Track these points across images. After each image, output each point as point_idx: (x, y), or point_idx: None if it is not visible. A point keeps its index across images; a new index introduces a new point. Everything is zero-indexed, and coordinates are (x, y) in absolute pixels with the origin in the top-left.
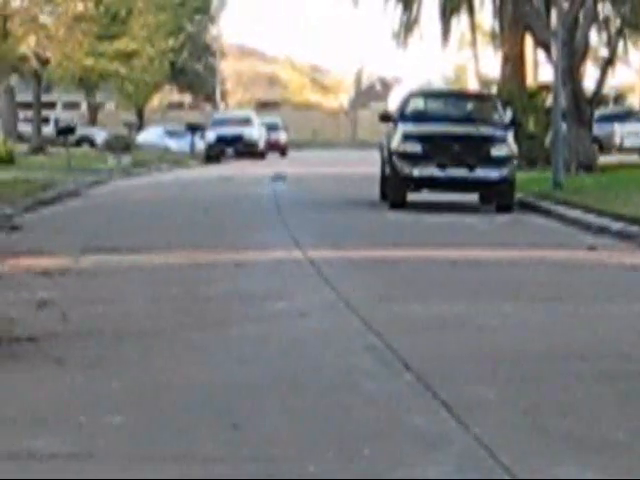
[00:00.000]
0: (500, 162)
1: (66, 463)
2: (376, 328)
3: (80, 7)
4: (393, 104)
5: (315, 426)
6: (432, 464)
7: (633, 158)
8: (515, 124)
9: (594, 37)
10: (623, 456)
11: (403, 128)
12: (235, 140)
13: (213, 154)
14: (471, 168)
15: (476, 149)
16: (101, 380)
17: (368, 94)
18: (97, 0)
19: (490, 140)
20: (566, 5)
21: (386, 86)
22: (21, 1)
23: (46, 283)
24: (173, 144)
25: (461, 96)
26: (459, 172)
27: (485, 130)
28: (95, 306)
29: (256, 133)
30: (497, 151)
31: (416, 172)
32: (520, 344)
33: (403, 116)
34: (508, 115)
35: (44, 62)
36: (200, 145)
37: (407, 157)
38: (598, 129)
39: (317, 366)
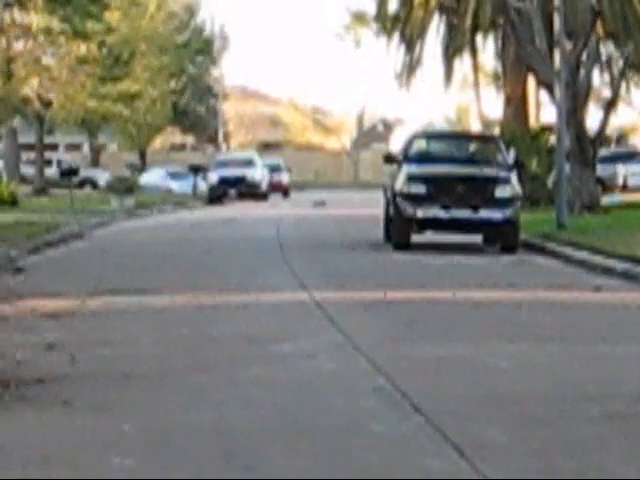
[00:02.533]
0: (504, 203)
1: None
2: (384, 369)
3: (83, 49)
4: (395, 145)
5: (325, 469)
6: None
7: (636, 197)
8: (518, 165)
9: (597, 78)
10: None
11: (407, 169)
12: (238, 181)
13: (216, 196)
14: (475, 209)
15: (480, 190)
16: (110, 423)
17: (370, 135)
18: (100, 42)
19: (494, 181)
20: (569, 46)
21: (388, 127)
22: (24, 43)
23: (53, 325)
24: (176, 186)
25: (464, 137)
26: (463, 213)
27: (489, 171)
28: (102, 348)
29: (259, 174)
30: (501, 192)
31: (420, 213)
32: (528, 385)
33: (407, 157)
34: (511, 156)
35: (47, 104)
36: (203, 186)
37: (411, 198)
38: (601, 170)
39: (325, 409)
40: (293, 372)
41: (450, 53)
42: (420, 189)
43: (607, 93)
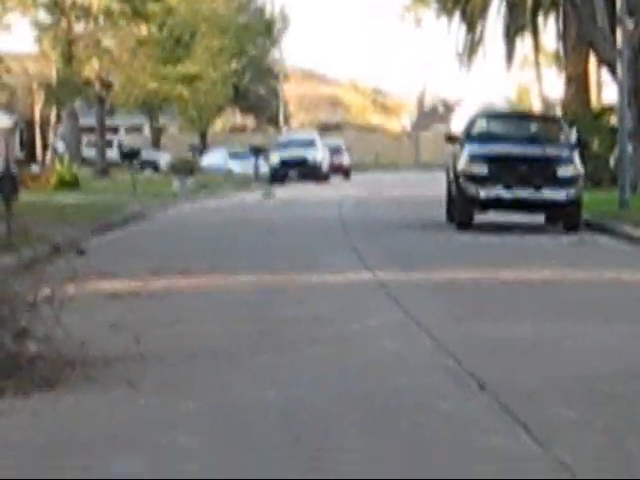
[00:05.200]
0: (567, 182)
1: None
2: (449, 349)
3: (144, 31)
4: (455, 125)
5: (392, 447)
6: None
7: None
8: (581, 145)
9: None
10: None
11: (469, 149)
12: (299, 163)
13: (277, 177)
14: (538, 189)
15: (542, 170)
16: (175, 402)
17: (430, 116)
18: (160, 24)
19: (556, 161)
20: (631, 25)
21: (448, 108)
22: (85, 25)
23: (117, 306)
24: (236, 167)
25: (526, 117)
26: (526, 193)
27: (551, 151)
28: (167, 328)
29: (320, 156)
30: (564, 171)
31: (483, 193)
32: (595, 365)
33: (469, 137)
34: (573, 136)
35: (107, 86)
36: (264, 168)
37: (473, 178)
38: None
39: (392, 387)
40: (359, 352)
41: (511, 33)
42: (482, 169)
43: None
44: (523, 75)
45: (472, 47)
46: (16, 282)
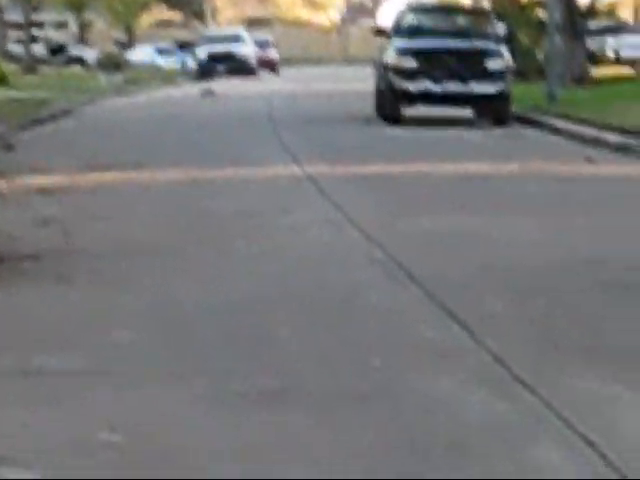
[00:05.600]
0: (496, 76)
1: (79, 380)
2: (380, 242)
3: None
4: (383, 20)
5: (325, 339)
6: (446, 377)
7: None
8: (509, 38)
9: None
10: (634, 364)
11: (398, 43)
12: (226, 58)
13: (204, 72)
14: (466, 82)
15: (471, 63)
16: (108, 297)
17: (358, 10)
18: None
19: (485, 54)
20: None
21: (376, 1)
22: None
23: (46, 201)
24: (164, 62)
25: (455, 11)
26: (455, 86)
27: (480, 44)
28: (96, 223)
29: (247, 50)
30: (492, 65)
31: (411, 86)
32: (524, 257)
33: (398, 31)
34: (502, 29)
35: None
36: (190, 63)
37: (402, 72)
38: (591, 43)
39: (324, 280)
40: (290, 245)
41: None
42: (411, 63)
43: None
44: None
45: None
46: None
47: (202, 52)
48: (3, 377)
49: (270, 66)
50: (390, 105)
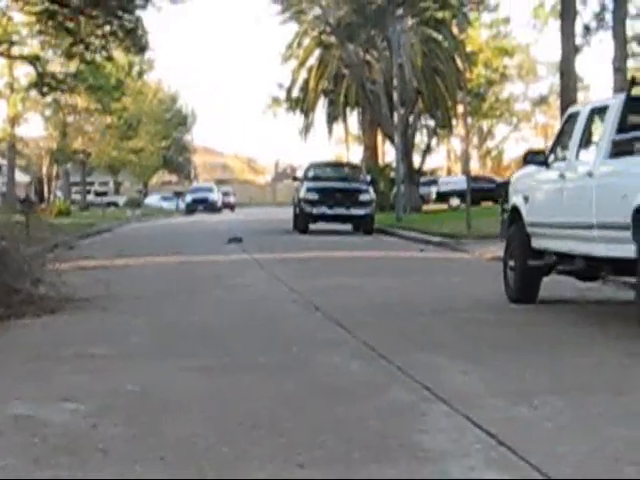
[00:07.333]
0: (365, 204)
1: (114, 360)
2: (297, 291)
3: (108, 120)
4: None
5: (263, 337)
6: (336, 354)
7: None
8: (372, 183)
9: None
10: (448, 349)
11: (307, 184)
12: (203, 201)
13: (190, 210)
14: (347, 208)
15: (350, 196)
16: (131, 320)
17: (283, 174)
18: (119, 115)
19: (359, 191)
20: (402, 110)
21: (293, 169)
22: (74, 116)
23: (95, 272)
24: (165, 204)
25: (340, 165)
26: (341, 211)
27: (355, 185)
28: (123, 282)
29: (216, 197)
30: (363, 197)
31: (315, 211)
32: (387, 298)
33: (306, 178)
34: (368, 178)
35: (87, 155)
36: (181, 205)
37: (309, 202)
38: (421, 190)
39: (264, 310)
40: (242, 293)
41: (331, 119)
42: (315, 196)
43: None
44: (339, 147)
45: (307, 129)
46: (33, 259)
47: (189, 198)
48: (68, 359)
49: (230, 207)
50: (302, 222)
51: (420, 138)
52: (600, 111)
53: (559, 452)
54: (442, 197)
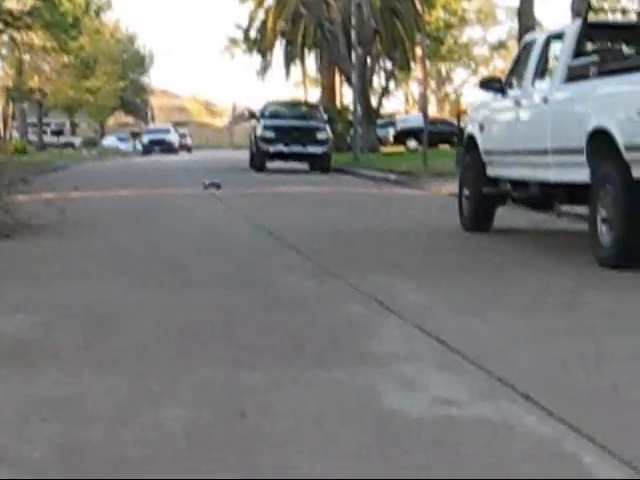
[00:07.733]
0: (322, 142)
1: (68, 279)
2: (251, 219)
3: (66, 59)
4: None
5: (219, 261)
6: (291, 275)
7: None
8: (330, 123)
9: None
10: (402, 270)
11: (264, 122)
12: (160, 142)
13: (146, 151)
14: (304, 146)
15: (307, 134)
16: (87, 244)
17: (241, 117)
18: (76, 55)
19: (316, 129)
20: (360, 50)
21: (251, 112)
22: (30, 56)
23: (52, 205)
24: (122, 146)
25: (298, 104)
26: (297, 149)
27: (313, 123)
28: (83, 212)
29: (173, 138)
30: (320, 135)
31: (271, 148)
32: (342, 227)
33: (263, 115)
34: (325, 116)
35: (43, 94)
36: (138, 146)
37: (265, 140)
38: (379, 131)
39: (220, 238)
40: (202, 220)
41: (289, 61)
42: (271, 134)
43: (382, 84)
44: (297, 88)
45: (264, 70)
46: None
47: (146, 139)
48: (21, 277)
49: (187, 148)
50: (258, 160)
51: (378, 82)
52: (556, 38)
53: (510, 358)
54: (400, 140)
